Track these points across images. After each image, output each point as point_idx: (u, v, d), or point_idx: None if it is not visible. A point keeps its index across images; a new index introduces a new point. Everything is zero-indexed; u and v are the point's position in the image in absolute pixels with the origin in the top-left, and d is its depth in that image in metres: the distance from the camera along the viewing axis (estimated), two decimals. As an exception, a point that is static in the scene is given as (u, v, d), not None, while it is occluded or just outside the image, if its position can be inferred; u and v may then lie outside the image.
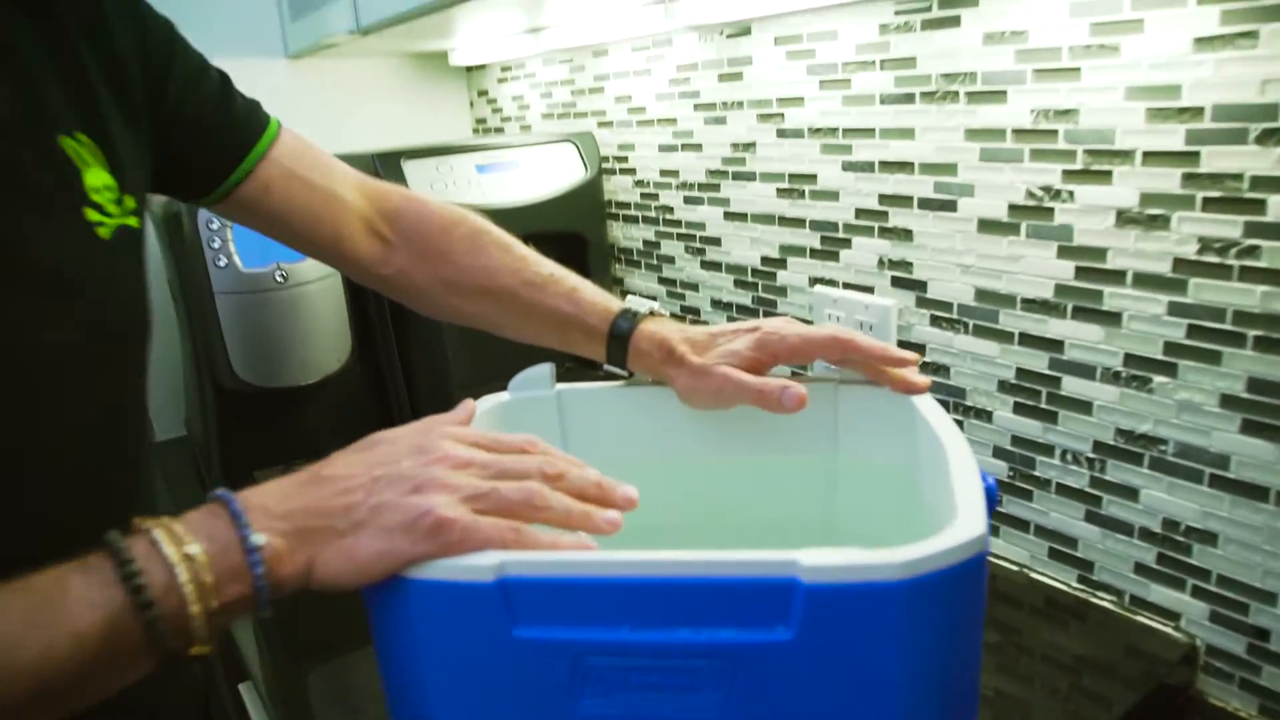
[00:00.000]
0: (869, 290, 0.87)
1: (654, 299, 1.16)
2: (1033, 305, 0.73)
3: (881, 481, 0.61)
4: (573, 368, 1.10)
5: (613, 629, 0.41)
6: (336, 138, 0.99)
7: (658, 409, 0.65)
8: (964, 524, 0.41)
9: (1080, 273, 0.69)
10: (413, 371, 1.09)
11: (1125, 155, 0.64)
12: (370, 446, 0.45)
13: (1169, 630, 0.68)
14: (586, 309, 0.64)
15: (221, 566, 0.38)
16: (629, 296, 0.68)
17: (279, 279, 0.92)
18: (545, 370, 0.65)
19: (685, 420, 0.66)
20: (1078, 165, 0.67)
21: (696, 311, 1.10)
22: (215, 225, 0.90)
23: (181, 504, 1.04)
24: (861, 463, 0.62)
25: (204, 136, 0.59)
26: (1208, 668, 0.66)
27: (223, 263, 0.90)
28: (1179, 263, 0.62)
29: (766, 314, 1.00)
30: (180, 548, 0.38)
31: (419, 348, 1.07)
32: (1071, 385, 0.71)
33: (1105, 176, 0.65)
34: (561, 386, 0.66)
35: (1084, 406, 0.71)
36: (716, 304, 1.07)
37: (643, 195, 1.14)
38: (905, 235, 0.81)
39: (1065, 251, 0.69)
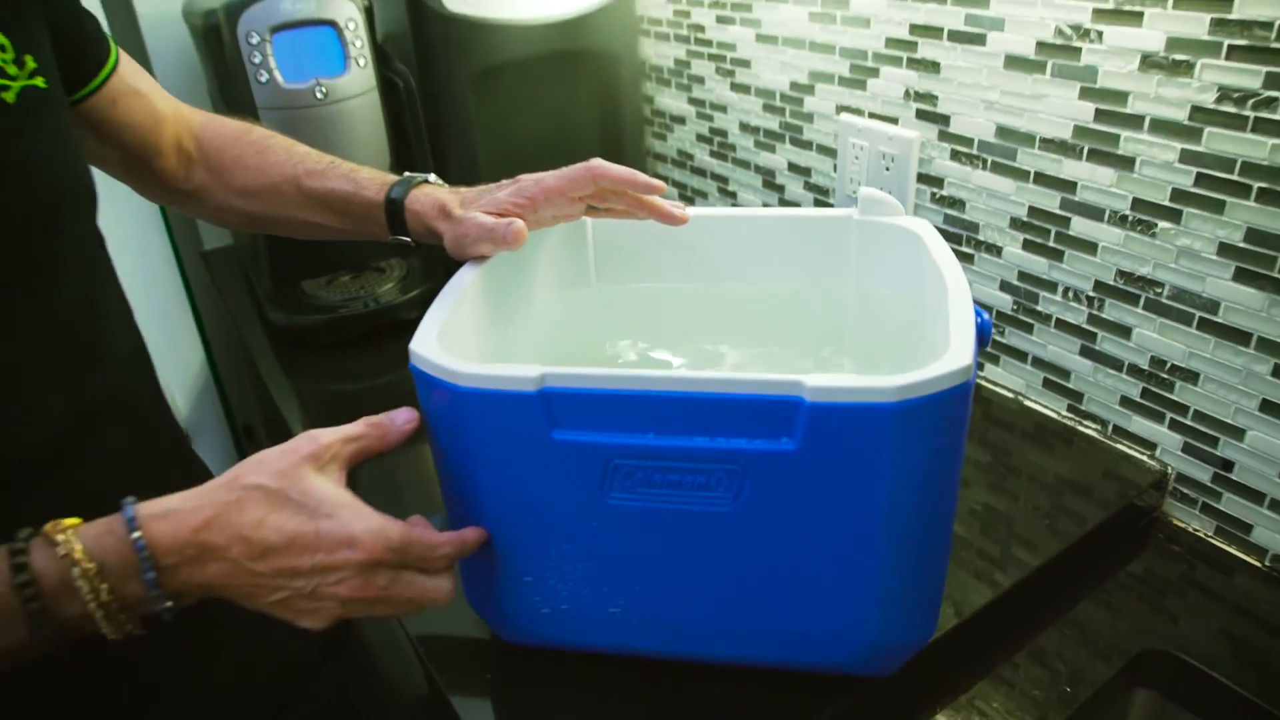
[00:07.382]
0: (894, 121, 0.88)
1: (682, 119, 1.17)
2: (1050, 145, 0.74)
3: (888, 312, 0.66)
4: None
5: (639, 435, 0.47)
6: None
7: (680, 239, 0.70)
8: (953, 355, 0.46)
9: (1100, 115, 0.70)
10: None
11: (1158, -4, 0.64)
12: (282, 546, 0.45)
13: (1144, 458, 0.75)
14: (364, 183, 0.67)
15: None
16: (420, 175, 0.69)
17: (319, 95, 0.94)
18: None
19: (707, 250, 0.70)
20: (1109, 4, 0.67)
21: (725, 134, 1.11)
22: (255, 40, 0.91)
23: (235, 309, 1.10)
24: (871, 293, 0.67)
25: (67, 41, 0.57)
26: (1175, 493, 0.73)
27: (264, 78, 0.92)
28: (1196, 111, 0.64)
29: (793, 140, 1.01)
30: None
31: (455, 164, 1.10)
32: (1080, 225, 0.74)
33: (1136, 18, 0.65)
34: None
35: (1089, 247, 0.74)
36: (745, 127, 1.08)
37: (675, 12, 1.13)
38: (933, 68, 0.82)
39: (1088, 93, 0.70)
